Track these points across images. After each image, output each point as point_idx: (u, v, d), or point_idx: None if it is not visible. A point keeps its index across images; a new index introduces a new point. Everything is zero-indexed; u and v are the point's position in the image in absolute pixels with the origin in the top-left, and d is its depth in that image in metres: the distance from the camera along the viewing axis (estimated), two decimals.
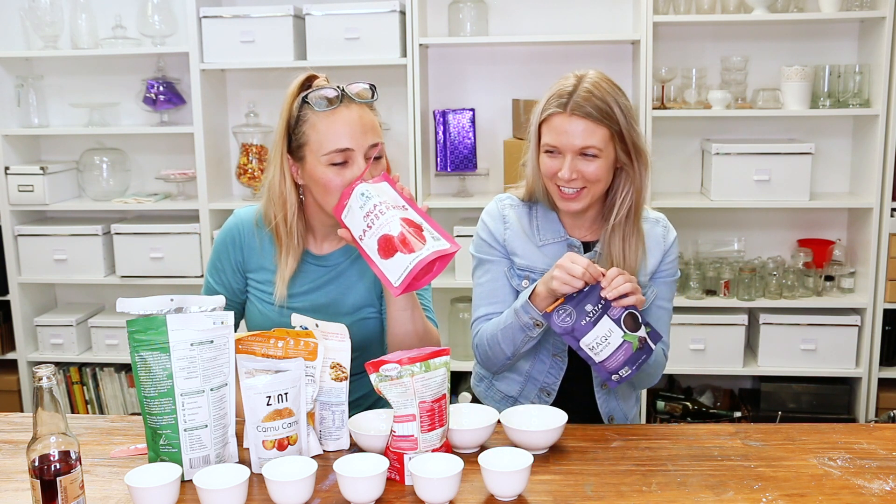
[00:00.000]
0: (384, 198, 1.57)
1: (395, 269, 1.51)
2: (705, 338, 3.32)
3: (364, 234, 1.56)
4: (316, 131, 1.67)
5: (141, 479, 1.36)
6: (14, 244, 3.49)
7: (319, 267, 1.82)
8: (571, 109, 1.70)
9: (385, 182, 1.62)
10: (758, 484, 1.42)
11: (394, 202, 1.57)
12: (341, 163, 1.67)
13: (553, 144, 1.73)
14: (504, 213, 1.88)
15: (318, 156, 1.67)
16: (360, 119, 1.69)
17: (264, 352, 1.53)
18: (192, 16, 3.28)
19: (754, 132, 3.42)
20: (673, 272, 1.89)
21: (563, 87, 1.74)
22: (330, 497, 1.39)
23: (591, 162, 1.72)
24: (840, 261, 3.38)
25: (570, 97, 1.71)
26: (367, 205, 1.56)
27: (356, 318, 1.80)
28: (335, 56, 3.24)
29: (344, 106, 1.68)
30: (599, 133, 1.71)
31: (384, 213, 1.54)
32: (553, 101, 1.73)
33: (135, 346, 1.43)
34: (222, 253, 1.85)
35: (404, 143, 3.38)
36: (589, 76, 1.75)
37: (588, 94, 1.70)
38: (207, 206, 3.39)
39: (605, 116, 1.70)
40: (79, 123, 3.59)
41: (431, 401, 1.45)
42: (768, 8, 3.16)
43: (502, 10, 3.42)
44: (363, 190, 1.58)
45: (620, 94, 1.74)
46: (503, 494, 1.36)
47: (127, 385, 3.62)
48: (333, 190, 1.67)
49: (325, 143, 1.67)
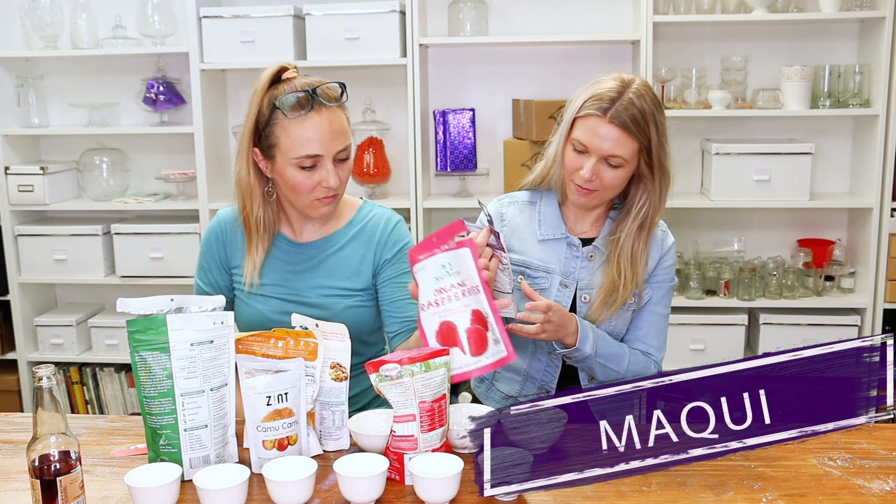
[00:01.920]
0: (463, 277, 1.52)
1: (424, 343, 1.55)
2: (705, 338, 3.32)
3: (428, 307, 1.53)
4: (286, 135, 1.69)
5: (141, 479, 1.36)
6: (14, 244, 3.49)
7: (300, 254, 1.84)
8: (611, 116, 1.71)
9: (468, 250, 1.53)
10: (758, 484, 1.42)
11: (470, 283, 1.52)
12: (310, 166, 1.70)
13: (583, 143, 1.74)
14: (502, 211, 1.91)
15: (287, 158, 1.70)
16: (329, 125, 1.70)
17: (264, 352, 1.53)
18: (192, 16, 3.28)
19: (754, 132, 3.42)
20: (669, 278, 1.89)
21: (609, 89, 1.73)
22: (330, 497, 1.39)
23: (614, 170, 1.74)
24: (840, 261, 3.38)
25: (612, 103, 1.71)
26: (444, 281, 1.52)
27: (343, 307, 1.82)
28: (335, 56, 3.25)
29: (314, 111, 1.69)
30: (630, 145, 1.72)
31: (458, 298, 1.51)
32: (594, 101, 1.73)
33: (135, 346, 1.43)
34: (207, 252, 1.89)
35: (404, 143, 3.38)
36: (635, 85, 1.74)
37: (630, 104, 1.71)
38: (207, 206, 3.39)
39: (640, 130, 1.71)
40: (79, 123, 3.59)
41: (431, 401, 1.45)
42: (768, 8, 3.16)
43: (502, 10, 3.42)
44: (444, 262, 1.53)
45: (659, 111, 1.75)
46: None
47: (127, 385, 3.62)
48: (303, 191, 1.72)
49: (295, 147, 1.69)
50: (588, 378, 1.89)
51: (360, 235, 1.85)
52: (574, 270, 1.85)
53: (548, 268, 1.85)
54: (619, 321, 1.86)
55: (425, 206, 3.31)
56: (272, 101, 1.70)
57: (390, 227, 1.86)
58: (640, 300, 1.85)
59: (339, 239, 1.85)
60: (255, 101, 1.73)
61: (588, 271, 1.85)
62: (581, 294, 1.85)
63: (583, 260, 1.85)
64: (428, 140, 3.42)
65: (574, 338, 1.74)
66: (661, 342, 1.91)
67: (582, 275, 1.85)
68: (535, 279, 1.85)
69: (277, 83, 1.73)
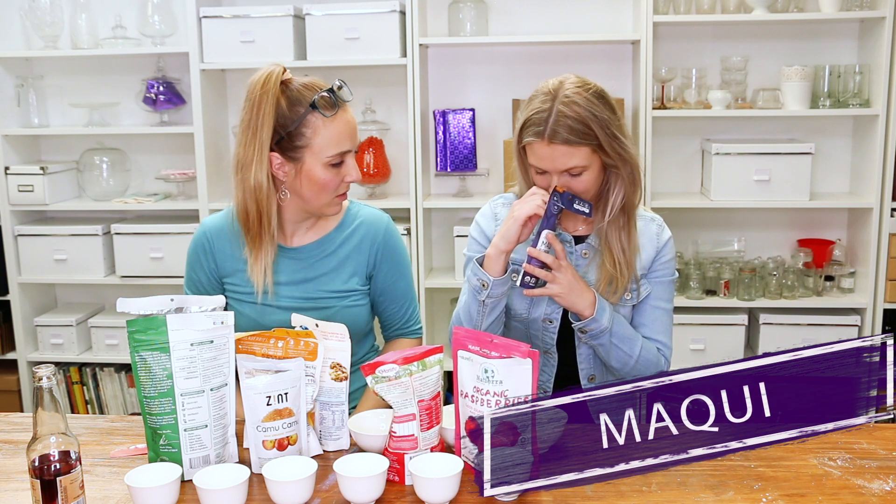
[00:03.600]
0: (510, 388, 1.42)
1: (457, 443, 1.50)
2: (705, 338, 3.32)
3: (465, 397, 1.47)
4: (319, 135, 1.71)
5: (141, 479, 1.36)
6: (14, 244, 3.49)
7: (294, 260, 1.85)
8: (549, 137, 1.70)
9: (530, 362, 1.41)
10: (758, 484, 1.42)
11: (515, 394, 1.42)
12: (338, 163, 1.74)
13: (538, 167, 1.77)
14: (496, 211, 1.92)
15: (320, 157, 1.72)
16: (353, 121, 1.77)
17: (264, 352, 1.54)
18: (192, 16, 3.28)
19: (754, 132, 3.42)
20: (669, 272, 1.90)
21: (538, 110, 1.72)
22: (330, 497, 1.39)
23: (579, 178, 1.75)
24: (840, 261, 3.38)
25: (545, 124, 1.70)
26: (487, 383, 1.43)
27: (339, 307, 1.83)
28: (335, 56, 3.24)
29: (341, 109, 1.74)
30: (580, 153, 1.72)
31: (489, 405, 1.43)
32: (530, 128, 1.73)
33: (135, 346, 1.43)
34: (195, 265, 1.88)
35: (404, 143, 3.38)
36: (563, 93, 1.72)
37: (562, 118, 1.69)
38: (207, 206, 3.39)
39: (584, 136, 1.70)
40: (79, 123, 3.59)
41: (429, 399, 1.45)
42: (768, 8, 3.16)
43: (502, 10, 3.42)
44: (489, 367, 1.43)
45: (596, 105, 1.72)
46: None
47: (127, 385, 3.62)
48: (329, 189, 1.75)
49: (330, 146, 1.72)
50: (588, 378, 1.89)
51: (353, 237, 1.87)
52: None
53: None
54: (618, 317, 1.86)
55: (425, 206, 3.31)
56: (296, 103, 1.71)
57: (382, 228, 1.89)
58: (639, 294, 1.85)
59: (333, 242, 1.86)
60: (270, 104, 1.70)
61: (583, 269, 1.85)
62: None
63: (577, 257, 1.85)
64: (428, 140, 3.42)
65: (591, 309, 1.76)
66: (669, 337, 1.91)
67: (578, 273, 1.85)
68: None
69: (282, 85, 1.73)
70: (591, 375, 1.89)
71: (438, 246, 3.55)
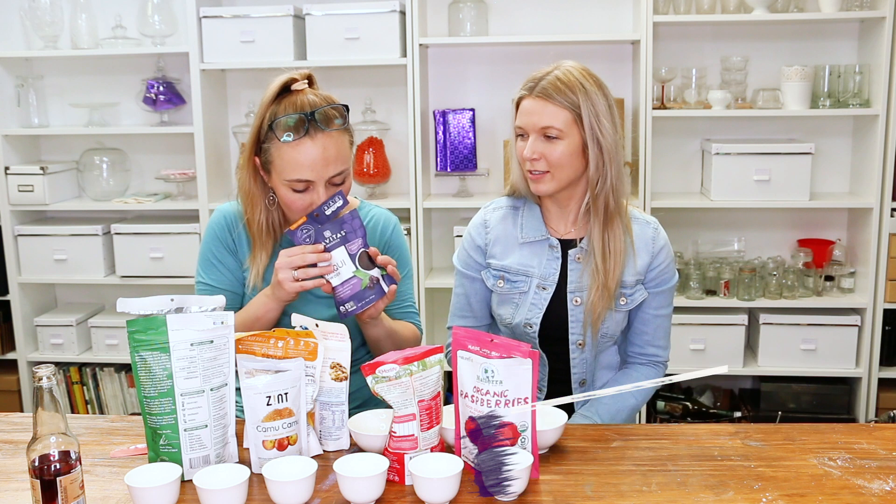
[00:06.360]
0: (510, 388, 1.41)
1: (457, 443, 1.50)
2: (705, 338, 3.32)
3: (464, 397, 1.47)
4: (279, 157, 1.69)
5: (141, 479, 1.36)
6: (14, 244, 3.49)
7: None
8: (537, 93, 1.76)
9: (530, 362, 1.41)
10: (758, 484, 1.42)
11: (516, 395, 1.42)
12: (302, 189, 1.70)
13: (520, 126, 1.80)
14: (486, 218, 1.92)
15: (280, 178, 1.71)
16: (323, 152, 1.67)
17: (264, 352, 1.53)
18: (192, 16, 3.28)
19: (754, 132, 3.42)
20: (668, 278, 1.88)
21: (537, 73, 1.80)
22: (330, 497, 1.39)
23: (554, 144, 1.76)
24: (840, 261, 3.38)
25: (538, 81, 1.78)
26: (487, 383, 1.43)
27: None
28: (335, 56, 3.25)
29: (308, 137, 1.66)
30: (561, 116, 1.75)
31: (497, 406, 1.42)
32: (525, 85, 1.80)
33: (135, 346, 1.43)
34: (216, 244, 1.85)
35: (404, 143, 3.38)
36: (564, 65, 1.80)
37: (555, 80, 1.76)
38: (207, 206, 3.39)
39: (565, 98, 1.75)
40: (79, 123, 3.59)
41: (430, 398, 1.45)
42: (768, 8, 3.16)
43: (502, 10, 3.42)
44: (489, 367, 1.43)
45: (589, 82, 1.77)
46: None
47: (127, 385, 3.62)
48: (295, 210, 1.73)
49: (286, 170, 1.69)
50: (579, 382, 1.90)
51: None
52: (553, 272, 1.85)
53: (527, 271, 1.85)
54: (612, 322, 1.85)
55: (425, 207, 3.30)
56: (272, 118, 1.69)
57: (392, 225, 1.91)
58: (635, 299, 1.85)
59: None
60: (259, 114, 1.72)
61: (577, 273, 1.84)
62: (571, 297, 1.84)
63: (571, 262, 1.85)
64: (428, 140, 3.42)
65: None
66: (668, 341, 1.93)
67: (572, 277, 1.84)
68: (514, 283, 1.86)
69: (285, 94, 1.71)
70: (583, 380, 1.90)
71: (438, 246, 3.56)
